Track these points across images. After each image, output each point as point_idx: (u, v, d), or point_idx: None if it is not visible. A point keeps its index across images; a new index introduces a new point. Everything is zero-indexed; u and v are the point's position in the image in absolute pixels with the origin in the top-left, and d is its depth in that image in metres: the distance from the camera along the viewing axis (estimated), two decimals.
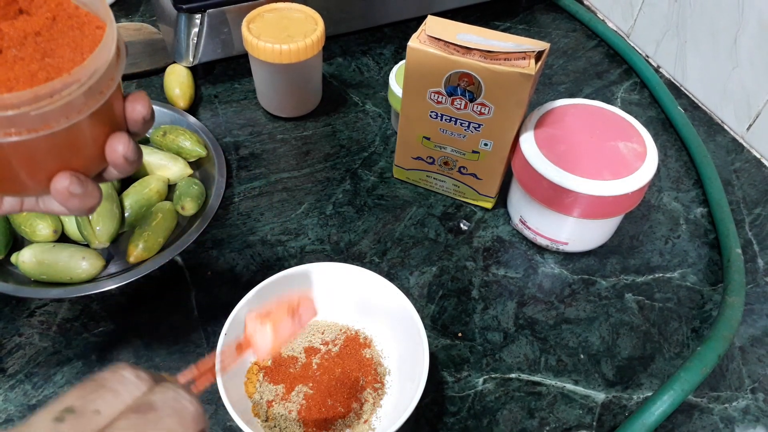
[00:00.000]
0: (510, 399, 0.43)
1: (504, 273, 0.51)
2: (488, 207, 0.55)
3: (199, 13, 0.59)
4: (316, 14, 0.58)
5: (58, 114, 0.25)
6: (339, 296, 0.45)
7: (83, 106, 0.26)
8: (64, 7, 0.28)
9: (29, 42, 0.27)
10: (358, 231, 0.53)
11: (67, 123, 0.25)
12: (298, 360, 0.43)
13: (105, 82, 0.27)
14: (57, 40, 0.27)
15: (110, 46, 0.27)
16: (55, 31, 0.27)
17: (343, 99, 0.65)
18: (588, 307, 0.49)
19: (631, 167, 0.46)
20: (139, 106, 0.29)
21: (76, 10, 0.28)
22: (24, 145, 0.25)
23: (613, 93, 0.68)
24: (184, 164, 0.54)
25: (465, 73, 0.45)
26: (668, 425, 0.42)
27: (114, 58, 0.27)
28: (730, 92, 0.63)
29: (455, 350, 0.46)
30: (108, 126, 0.28)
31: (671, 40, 0.69)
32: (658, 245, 0.53)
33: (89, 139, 0.28)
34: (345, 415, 0.40)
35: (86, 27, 0.28)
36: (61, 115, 0.25)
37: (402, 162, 0.55)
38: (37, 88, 0.24)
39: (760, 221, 0.55)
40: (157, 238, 0.48)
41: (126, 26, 0.71)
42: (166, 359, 0.44)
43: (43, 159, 0.26)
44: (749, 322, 0.48)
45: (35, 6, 0.28)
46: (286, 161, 0.59)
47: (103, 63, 0.26)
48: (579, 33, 0.76)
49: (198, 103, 0.63)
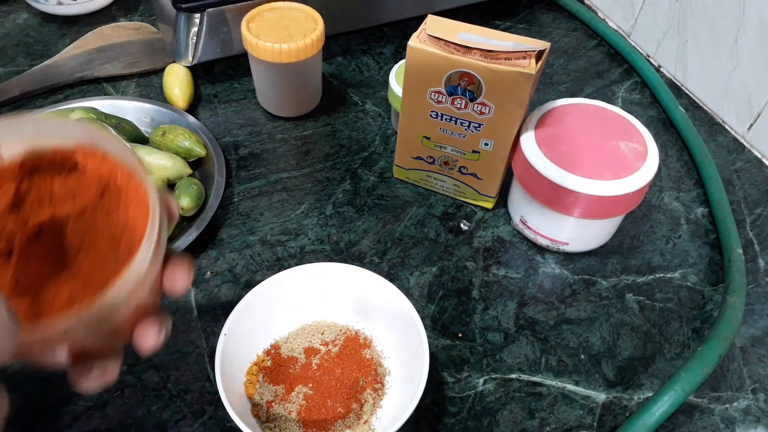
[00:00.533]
0: (510, 399, 0.43)
1: (504, 273, 0.51)
2: (488, 207, 0.55)
3: (199, 13, 0.59)
4: (315, 13, 0.58)
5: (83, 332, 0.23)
6: (339, 296, 0.45)
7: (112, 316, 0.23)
8: (115, 175, 0.25)
9: (70, 227, 0.24)
10: (358, 231, 0.53)
11: (93, 338, 0.23)
12: (297, 360, 0.43)
13: (139, 288, 0.24)
14: (97, 228, 0.24)
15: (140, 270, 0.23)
16: (101, 212, 0.24)
17: (343, 98, 0.65)
18: (588, 307, 0.49)
19: (632, 167, 0.46)
20: (179, 281, 0.26)
21: (129, 180, 0.25)
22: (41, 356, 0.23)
23: (613, 92, 0.68)
24: (183, 164, 0.54)
25: (465, 73, 0.45)
26: (669, 425, 0.42)
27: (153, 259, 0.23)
28: (731, 92, 0.63)
29: (455, 351, 0.46)
30: (139, 312, 0.25)
31: (672, 39, 0.68)
32: (659, 245, 0.53)
33: (117, 333, 0.25)
34: (345, 415, 0.40)
35: (132, 205, 0.24)
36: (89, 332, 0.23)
37: (402, 162, 0.55)
38: (63, 318, 0.22)
39: (761, 221, 0.55)
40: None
41: (125, 26, 0.71)
42: (166, 359, 0.44)
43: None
44: (750, 322, 0.48)
45: (91, 164, 0.25)
46: (286, 161, 0.59)
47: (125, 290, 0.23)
48: (580, 32, 0.75)
49: (197, 103, 0.63)
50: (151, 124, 0.58)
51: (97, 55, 0.66)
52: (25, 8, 0.74)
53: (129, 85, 0.65)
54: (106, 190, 0.25)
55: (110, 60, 0.66)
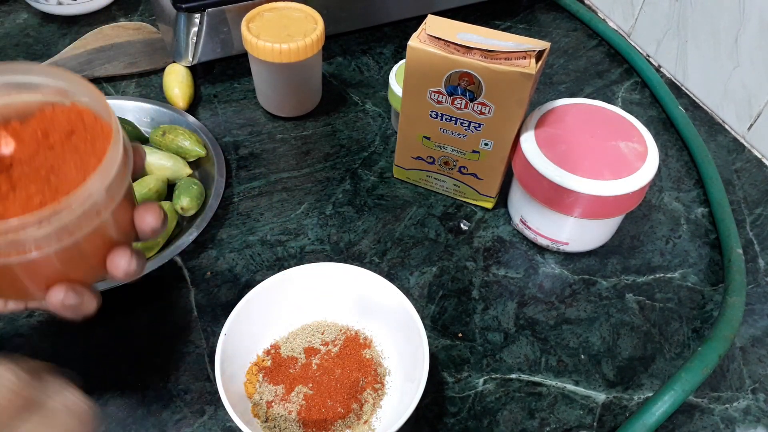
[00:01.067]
0: (510, 399, 0.43)
1: (504, 273, 0.51)
2: (489, 207, 0.55)
3: (199, 13, 0.59)
4: (315, 13, 0.58)
5: (49, 238, 0.25)
6: (339, 296, 0.45)
7: (76, 229, 0.25)
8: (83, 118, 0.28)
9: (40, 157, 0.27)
10: (358, 231, 0.53)
11: (59, 245, 0.25)
12: (297, 360, 0.43)
13: (103, 203, 0.26)
14: (66, 155, 0.27)
15: (108, 170, 0.26)
16: (68, 146, 0.27)
17: (343, 98, 0.65)
18: (588, 307, 0.49)
19: (632, 167, 0.46)
20: (149, 218, 0.29)
21: (95, 121, 0.28)
22: (18, 265, 0.25)
23: (613, 92, 0.68)
24: (183, 164, 0.54)
25: (465, 73, 0.45)
26: (669, 425, 0.42)
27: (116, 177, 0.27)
28: (731, 92, 0.63)
29: (455, 351, 0.46)
30: (108, 239, 0.28)
31: (672, 39, 0.68)
32: (659, 245, 0.53)
33: (87, 254, 0.27)
34: (345, 415, 0.40)
35: (98, 141, 0.28)
36: (53, 238, 0.25)
37: (402, 162, 0.55)
38: (24, 217, 0.24)
39: (761, 221, 0.55)
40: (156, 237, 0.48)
41: (125, 26, 0.71)
42: (166, 359, 0.44)
43: (39, 273, 0.27)
44: (750, 322, 0.48)
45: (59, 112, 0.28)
46: (286, 161, 0.59)
47: (98, 188, 0.26)
48: (580, 32, 0.75)
49: (197, 103, 0.63)
50: (151, 124, 0.58)
51: (97, 55, 0.66)
52: (25, 8, 0.74)
53: (129, 85, 0.65)
54: (74, 130, 0.28)
55: (110, 60, 0.66)
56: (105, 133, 0.28)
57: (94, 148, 0.27)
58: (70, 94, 0.29)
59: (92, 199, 0.25)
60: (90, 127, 0.28)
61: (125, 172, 0.28)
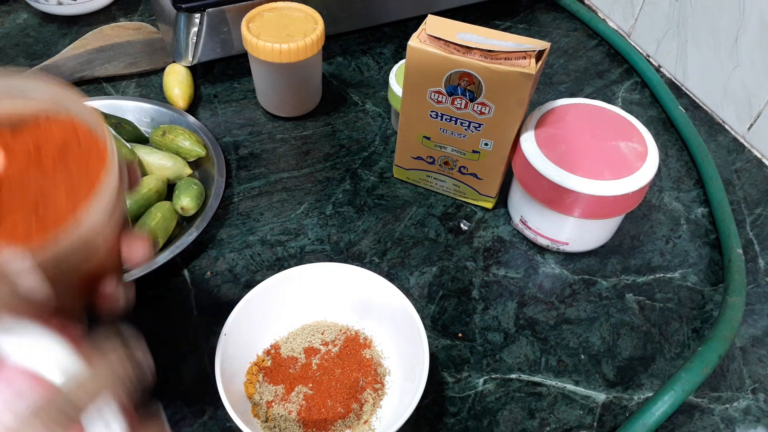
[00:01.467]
0: (510, 399, 0.43)
1: (504, 273, 0.51)
2: (489, 207, 0.55)
3: (199, 13, 0.59)
4: (315, 13, 0.58)
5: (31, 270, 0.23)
6: (339, 296, 0.45)
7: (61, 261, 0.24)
8: (78, 133, 0.27)
9: (30, 178, 0.26)
10: (358, 231, 0.53)
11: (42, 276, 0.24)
12: (297, 360, 0.43)
13: (92, 236, 0.25)
14: (58, 178, 0.26)
15: (101, 202, 0.25)
16: (60, 168, 0.26)
17: (343, 98, 0.65)
18: (588, 307, 0.49)
19: (632, 167, 0.46)
20: (137, 248, 0.28)
21: (89, 137, 0.27)
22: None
23: (613, 92, 0.68)
24: (183, 164, 0.54)
25: (465, 73, 0.45)
26: (669, 425, 0.42)
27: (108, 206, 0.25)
28: (731, 92, 0.63)
29: (455, 351, 0.46)
30: (95, 270, 0.27)
31: (672, 39, 0.68)
32: (659, 245, 0.53)
33: (71, 285, 0.26)
34: (345, 415, 0.40)
35: (92, 162, 0.26)
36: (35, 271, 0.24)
37: (402, 162, 0.55)
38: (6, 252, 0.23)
39: (761, 221, 0.55)
40: (156, 237, 0.48)
41: (125, 26, 0.71)
42: (166, 360, 0.44)
43: None
44: (750, 322, 0.48)
45: (53, 124, 0.27)
46: (286, 161, 0.59)
47: (88, 222, 0.24)
48: (580, 32, 0.75)
49: (197, 103, 0.63)
50: (151, 124, 0.58)
51: (97, 55, 0.66)
52: (25, 8, 0.74)
53: (129, 85, 0.65)
54: (67, 147, 0.27)
55: (110, 60, 0.66)
56: (100, 153, 0.27)
57: (88, 171, 0.26)
58: (65, 106, 0.28)
59: (80, 232, 0.24)
60: (84, 143, 0.27)
61: (118, 201, 0.26)
